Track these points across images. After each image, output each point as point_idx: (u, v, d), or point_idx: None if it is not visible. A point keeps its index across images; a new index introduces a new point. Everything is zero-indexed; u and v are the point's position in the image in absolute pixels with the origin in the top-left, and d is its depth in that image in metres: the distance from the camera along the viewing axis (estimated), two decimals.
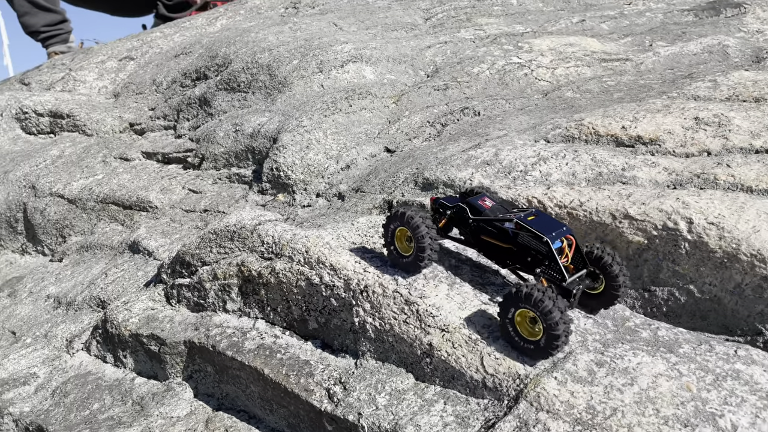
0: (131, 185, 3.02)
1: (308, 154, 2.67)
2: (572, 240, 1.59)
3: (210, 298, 2.10)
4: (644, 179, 2.11)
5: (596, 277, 1.63)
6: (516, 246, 1.62)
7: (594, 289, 1.65)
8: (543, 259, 1.57)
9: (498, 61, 3.46)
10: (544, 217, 1.64)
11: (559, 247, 1.55)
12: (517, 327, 1.49)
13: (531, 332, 1.48)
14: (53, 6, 5.83)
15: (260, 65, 3.21)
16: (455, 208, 1.77)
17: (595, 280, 1.63)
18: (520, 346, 1.49)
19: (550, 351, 1.44)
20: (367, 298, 1.72)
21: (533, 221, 1.61)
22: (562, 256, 1.56)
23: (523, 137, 2.55)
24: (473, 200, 1.76)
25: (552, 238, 1.54)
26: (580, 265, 1.61)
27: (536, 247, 1.57)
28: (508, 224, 1.64)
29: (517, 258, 1.63)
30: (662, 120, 2.45)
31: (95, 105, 3.86)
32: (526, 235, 1.59)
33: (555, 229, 1.57)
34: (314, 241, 1.91)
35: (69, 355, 2.38)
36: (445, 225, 1.81)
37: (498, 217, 1.67)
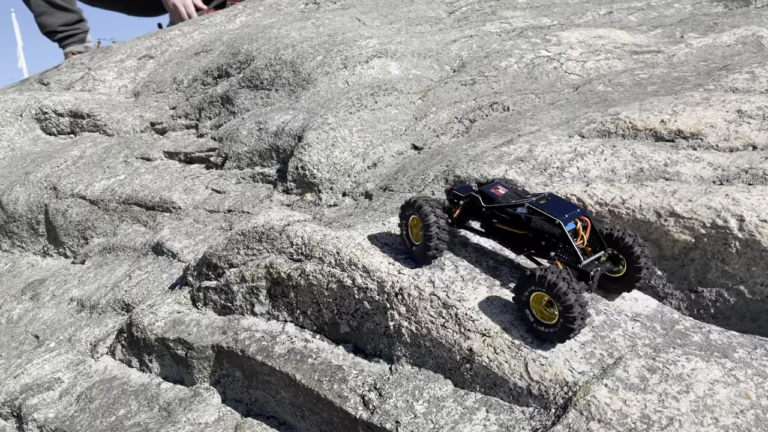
0: (154, 186, 3.01)
1: (334, 153, 2.63)
2: (587, 222, 1.56)
3: (237, 301, 2.07)
4: (688, 175, 2.04)
5: (617, 259, 1.61)
6: (530, 231, 1.61)
7: (615, 272, 1.63)
8: (557, 242, 1.55)
9: (526, 55, 3.39)
10: (558, 200, 1.62)
11: (573, 229, 1.54)
12: (533, 311, 1.48)
13: (547, 316, 1.47)
14: (70, 5, 5.85)
15: (283, 62, 3.18)
16: (468, 197, 1.77)
17: (617, 263, 1.62)
18: (537, 329, 1.49)
19: (567, 334, 1.43)
20: (402, 302, 1.68)
21: (545, 204, 1.60)
22: (576, 239, 1.54)
23: (557, 132, 2.48)
24: (486, 188, 1.76)
25: (565, 219, 1.53)
26: (598, 248, 1.59)
27: (549, 230, 1.56)
28: (521, 209, 1.63)
29: (532, 243, 1.62)
30: (703, 113, 2.38)
31: (115, 104, 3.86)
32: (539, 219, 1.58)
33: (568, 211, 1.55)
34: (345, 242, 1.87)
35: (93, 360, 2.36)
36: (460, 215, 1.80)
37: (510, 203, 1.67)
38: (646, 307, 1.68)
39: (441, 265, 1.74)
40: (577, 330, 1.42)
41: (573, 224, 1.54)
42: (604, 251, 1.60)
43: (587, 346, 1.49)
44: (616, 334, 1.54)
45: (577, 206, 1.60)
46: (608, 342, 1.51)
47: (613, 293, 1.68)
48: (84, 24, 5.93)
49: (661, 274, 1.88)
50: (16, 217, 3.41)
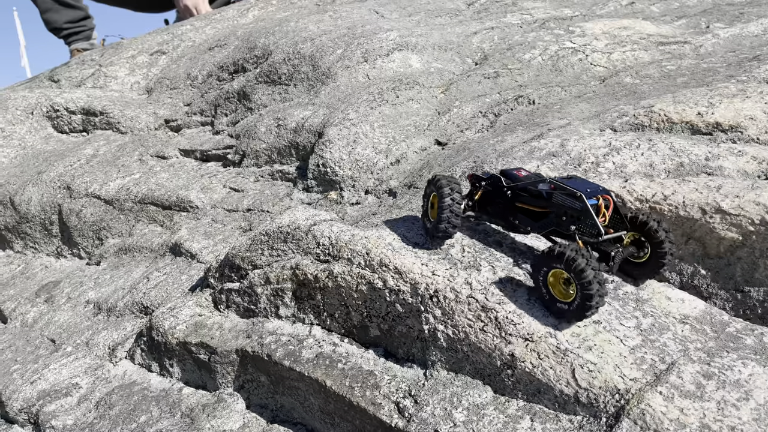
0: (170, 184, 2.96)
1: (356, 149, 2.57)
2: (610, 200, 1.57)
3: (262, 304, 2.01)
4: (731, 169, 1.97)
5: (641, 244, 1.61)
6: (551, 207, 1.62)
7: (639, 257, 1.64)
8: (579, 216, 1.55)
9: (550, 47, 3.32)
10: (581, 179, 1.64)
11: (595, 205, 1.54)
12: (551, 289, 1.49)
13: (565, 294, 1.46)
14: (76, 2, 5.82)
15: (302, 56, 3.12)
16: (491, 179, 1.80)
17: (641, 249, 1.62)
18: (554, 308, 1.49)
19: (584, 312, 1.42)
20: (437, 304, 1.62)
21: (568, 181, 1.63)
22: (599, 215, 1.54)
23: (588, 126, 2.42)
24: (508, 170, 1.80)
25: (587, 193, 1.54)
26: (621, 229, 1.59)
27: (571, 204, 1.56)
28: (543, 186, 1.65)
29: (553, 220, 1.62)
30: (741, 105, 2.31)
31: (128, 101, 3.82)
32: (561, 194, 1.59)
33: (590, 187, 1.57)
34: (375, 242, 1.81)
35: (112, 364, 2.32)
36: (481, 199, 1.83)
37: (532, 181, 1.70)
38: (694, 309, 1.61)
39: (477, 265, 1.68)
40: (595, 307, 1.40)
41: (595, 200, 1.55)
42: (627, 232, 1.59)
43: (637, 351, 1.42)
44: (666, 338, 1.47)
45: (600, 184, 1.60)
46: (659, 346, 1.44)
47: (637, 279, 1.67)
48: (90, 21, 5.90)
49: (706, 274, 1.81)
50: (29, 218, 3.37)
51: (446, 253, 1.76)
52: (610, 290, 1.63)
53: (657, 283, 1.71)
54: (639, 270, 1.65)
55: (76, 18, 5.77)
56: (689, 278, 1.84)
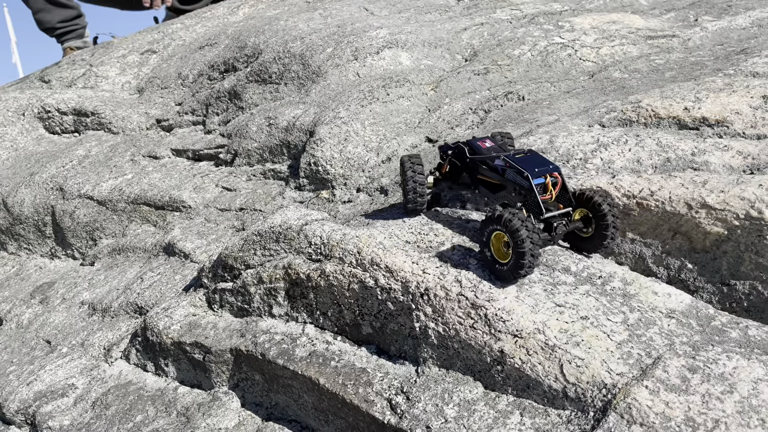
0: (162, 184, 2.97)
1: (347, 147, 2.59)
2: (558, 178, 1.68)
3: (255, 303, 2.03)
4: (717, 164, 1.99)
5: (589, 220, 1.72)
6: (505, 181, 1.75)
7: (586, 232, 1.74)
8: (525, 193, 1.68)
9: (539, 42, 3.33)
10: (535, 156, 1.75)
11: (542, 183, 1.66)
12: (493, 250, 1.62)
13: (504, 255, 1.59)
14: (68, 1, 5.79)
15: (292, 54, 3.12)
16: (456, 149, 1.92)
17: (588, 224, 1.72)
18: (494, 268, 1.62)
19: (518, 271, 1.54)
20: (428, 302, 1.64)
21: (521, 158, 1.73)
22: (546, 193, 1.66)
23: (576, 122, 2.44)
24: (473, 141, 1.90)
25: (534, 173, 1.65)
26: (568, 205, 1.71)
27: (520, 182, 1.69)
28: (498, 161, 1.77)
29: (507, 194, 1.76)
30: (727, 99, 2.33)
31: (120, 101, 3.81)
32: (512, 171, 1.71)
33: (540, 167, 1.68)
34: (366, 241, 1.83)
35: (107, 365, 2.33)
36: (450, 169, 1.95)
37: (490, 155, 1.81)
38: (680, 303, 1.64)
39: (467, 264, 1.70)
40: (527, 266, 1.52)
41: (542, 179, 1.66)
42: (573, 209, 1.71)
43: (624, 346, 1.45)
44: (652, 332, 1.50)
45: (552, 163, 1.71)
46: (645, 341, 1.47)
47: (586, 252, 1.79)
48: (82, 19, 5.87)
49: (692, 267, 1.84)
50: (22, 219, 3.37)
51: (437, 251, 1.78)
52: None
53: (644, 278, 1.73)
54: (587, 244, 1.76)
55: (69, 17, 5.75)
56: (676, 272, 1.86)
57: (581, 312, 1.53)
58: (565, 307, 1.55)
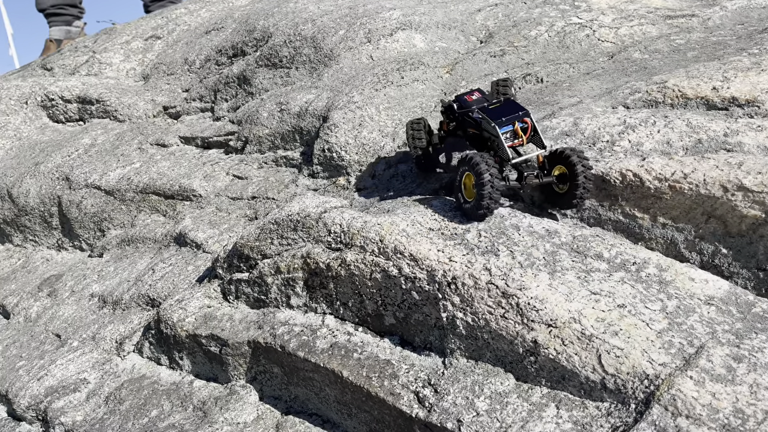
0: (171, 173, 2.92)
1: (362, 132, 2.53)
2: (528, 123, 1.77)
3: (272, 294, 1.99)
4: (751, 145, 1.93)
5: (566, 178, 1.78)
6: (482, 132, 1.85)
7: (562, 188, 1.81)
8: (495, 141, 1.79)
9: (556, 23, 3.26)
10: (510, 104, 1.86)
11: (511, 130, 1.77)
12: (464, 190, 1.76)
13: (472, 194, 1.73)
14: None
15: (303, 37, 3.06)
16: (448, 107, 2.04)
17: (564, 182, 1.79)
18: (463, 208, 1.77)
19: (479, 208, 1.69)
20: (456, 291, 1.59)
21: (494, 108, 1.85)
22: (516, 139, 1.77)
23: (600, 104, 2.38)
24: (460, 95, 2.01)
25: (501, 122, 1.77)
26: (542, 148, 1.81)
27: (490, 130, 1.79)
28: (476, 114, 1.88)
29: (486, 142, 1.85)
30: (756, 79, 2.26)
31: (125, 88, 3.76)
32: (484, 121, 1.82)
33: (509, 114, 1.78)
34: (389, 228, 1.78)
35: (120, 358, 2.30)
36: (449, 126, 2.08)
37: (471, 108, 1.91)
38: (718, 289, 1.59)
39: (495, 250, 1.65)
40: (486, 202, 1.67)
41: (510, 126, 1.77)
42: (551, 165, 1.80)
43: (664, 335, 1.40)
44: (692, 320, 1.45)
45: (524, 109, 1.81)
46: (686, 329, 1.42)
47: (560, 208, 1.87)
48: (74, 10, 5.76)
49: (727, 253, 1.79)
50: (27, 210, 3.33)
51: (462, 238, 1.73)
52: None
53: (679, 264, 1.68)
54: (561, 200, 1.83)
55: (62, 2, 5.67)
56: (710, 257, 1.81)
57: (618, 300, 1.48)
58: (601, 294, 1.50)
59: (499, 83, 2.24)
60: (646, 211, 1.88)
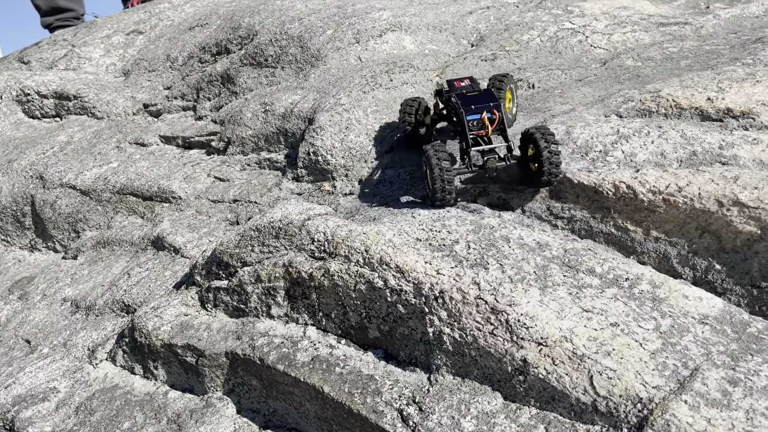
0: (150, 174, 2.85)
1: (349, 136, 2.48)
2: (496, 114, 1.85)
3: (252, 303, 1.93)
4: (747, 159, 1.91)
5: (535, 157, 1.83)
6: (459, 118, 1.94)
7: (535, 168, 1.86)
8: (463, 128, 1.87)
9: (549, 27, 3.23)
10: (486, 93, 1.93)
11: (478, 119, 1.84)
12: (427, 181, 1.86)
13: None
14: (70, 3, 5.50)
15: (290, 36, 3.01)
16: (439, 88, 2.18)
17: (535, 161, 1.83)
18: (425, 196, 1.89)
19: (435, 200, 1.80)
20: (443, 306, 1.55)
21: (469, 96, 1.92)
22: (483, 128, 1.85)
23: (593, 112, 2.35)
24: (450, 80, 2.11)
25: (469, 110, 1.85)
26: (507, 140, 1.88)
27: (460, 117, 1.89)
28: (453, 99, 1.96)
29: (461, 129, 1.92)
30: (752, 90, 2.25)
31: (104, 84, 3.68)
32: (457, 106, 1.91)
33: (478, 104, 1.86)
34: (374, 238, 1.73)
35: (92, 366, 2.23)
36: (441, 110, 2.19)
37: (452, 94, 2.00)
38: (712, 308, 1.56)
39: (484, 263, 1.61)
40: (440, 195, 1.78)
41: (478, 115, 1.84)
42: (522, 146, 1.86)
43: (658, 356, 1.37)
44: (687, 341, 1.42)
45: (496, 100, 1.89)
46: (680, 350, 1.39)
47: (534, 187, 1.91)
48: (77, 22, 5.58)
49: (720, 269, 1.76)
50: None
51: (450, 249, 1.69)
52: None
53: (673, 281, 1.65)
54: (534, 179, 1.87)
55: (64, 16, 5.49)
56: (703, 273, 1.79)
57: (610, 318, 1.45)
58: (593, 312, 1.46)
59: (496, 78, 2.26)
60: (639, 225, 1.85)
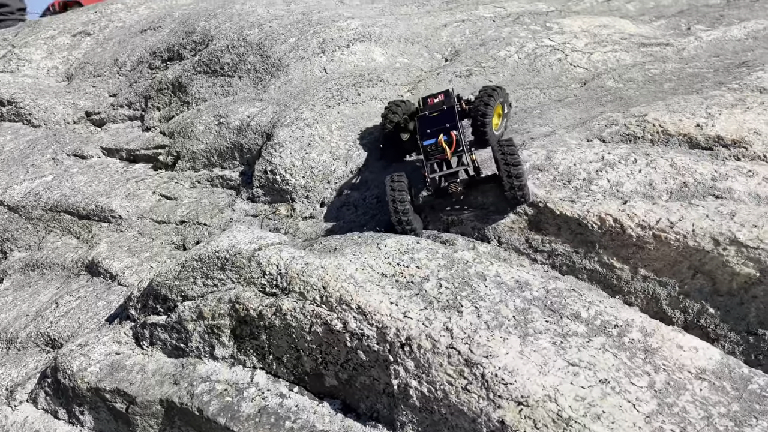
0: (88, 189, 2.65)
1: (310, 154, 2.33)
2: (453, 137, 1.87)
3: (193, 342, 1.75)
4: (742, 192, 1.81)
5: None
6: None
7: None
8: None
9: (527, 44, 3.14)
10: (446, 114, 1.95)
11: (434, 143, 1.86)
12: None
13: None
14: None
15: (249, 43, 2.84)
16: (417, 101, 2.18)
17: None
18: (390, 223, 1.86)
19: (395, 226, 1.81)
20: (410, 354, 1.39)
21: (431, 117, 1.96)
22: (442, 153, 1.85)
23: (574, 135, 2.24)
24: (427, 96, 2.13)
25: (425, 134, 1.89)
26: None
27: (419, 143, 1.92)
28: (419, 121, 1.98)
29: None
30: (743, 117, 2.17)
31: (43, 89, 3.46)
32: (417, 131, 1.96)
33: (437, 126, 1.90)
34: (334, 273, 1.57)
35: (10, 409, 2.02)
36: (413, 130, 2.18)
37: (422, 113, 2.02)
38: (709, 360, 1.44)
39: (457, 306, 1.46)
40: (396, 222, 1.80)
41: (433, 139, 1.87)
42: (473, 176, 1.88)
43: (654, 419, 1.23)
44: (684, 401, 1.29)
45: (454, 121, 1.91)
46: (677, 412, 1.26)
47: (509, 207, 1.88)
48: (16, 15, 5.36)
49: (714, 313, 1.65)
50: None
51: (420, 288, 1.54)
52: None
53: (665, 328, 1.53)
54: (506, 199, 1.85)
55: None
56: (695, 317, 1.68)
57: (599, 373, 1.31)
58: (580, 366, 1.33)
59: (486, 90, 2.18)
60: (626, 261, 1.73)
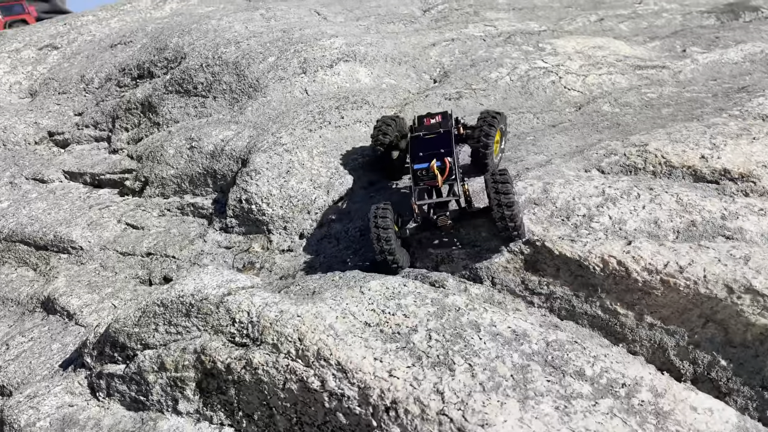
0: (47, 218, 2.50)
1: (289, 182, 2.20)
2: (447, 163, 1.83)
3: (155, 395, 1.61)
4: (754, 233, 1.72)
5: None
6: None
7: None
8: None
9: (519, 65, 3.06)
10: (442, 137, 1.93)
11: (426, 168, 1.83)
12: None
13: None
14: None
15: (224, 62, 2.73)
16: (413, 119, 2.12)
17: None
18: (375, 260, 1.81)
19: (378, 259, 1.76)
20: (396, 420, 1.26)
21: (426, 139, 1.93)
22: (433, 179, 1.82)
23: (571, 165, 2.14)
24: (423, 116, 2.08)
25: (417, 158, 1.86)
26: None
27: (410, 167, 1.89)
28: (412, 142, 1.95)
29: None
30: (749, 149, 2.08)
31: (4, 106, 3.31)
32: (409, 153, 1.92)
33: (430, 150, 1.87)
34: (311, 323, 1.44)
35: None
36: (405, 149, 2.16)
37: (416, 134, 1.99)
38: (725, 423, 1.34)
39: (449, 363, 1.34)
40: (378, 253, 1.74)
41: (425, 163, 1.83)
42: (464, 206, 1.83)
43: None
44: None
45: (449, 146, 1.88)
46: None
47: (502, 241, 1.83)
48: None
49: (726, 365, 1.55)
50: None
51: (407, 340, 1.41)
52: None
53: (677, 386, 1.42)
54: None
55: None
56: (705, 369, 1.57)
57: None
58: None
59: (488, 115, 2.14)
60: (630, 308, 1.63)
